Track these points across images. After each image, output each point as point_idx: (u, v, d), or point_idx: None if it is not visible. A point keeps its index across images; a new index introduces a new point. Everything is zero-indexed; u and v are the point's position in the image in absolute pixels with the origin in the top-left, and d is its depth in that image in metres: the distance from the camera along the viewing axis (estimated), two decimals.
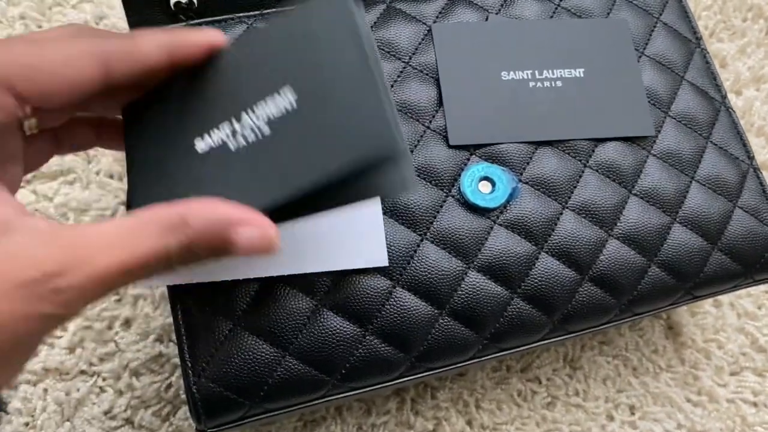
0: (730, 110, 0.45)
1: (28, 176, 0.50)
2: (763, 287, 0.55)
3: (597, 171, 0.41)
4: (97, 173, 0.51)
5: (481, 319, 0.38)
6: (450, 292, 0.38)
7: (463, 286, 0.38)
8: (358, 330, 0.37)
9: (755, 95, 0.60)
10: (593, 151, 0.41)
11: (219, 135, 0.30)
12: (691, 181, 0.42)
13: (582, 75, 0.42)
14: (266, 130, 0.28)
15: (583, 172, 0.41)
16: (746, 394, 0.52)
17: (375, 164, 0.26)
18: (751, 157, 0.44)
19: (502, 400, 0.49)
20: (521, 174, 0.40)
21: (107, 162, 0.51)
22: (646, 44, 0.45)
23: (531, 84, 0.41)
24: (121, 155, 0.51)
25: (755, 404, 0.52)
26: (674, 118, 0.43)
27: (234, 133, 0.29)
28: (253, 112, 0.29)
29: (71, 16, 0.54)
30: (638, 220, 0.41)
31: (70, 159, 0.50)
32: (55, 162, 0.50)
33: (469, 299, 0.38)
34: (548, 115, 0.41)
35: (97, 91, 0.28)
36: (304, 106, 0.28)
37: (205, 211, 0.25)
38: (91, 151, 0.51)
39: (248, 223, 0.26)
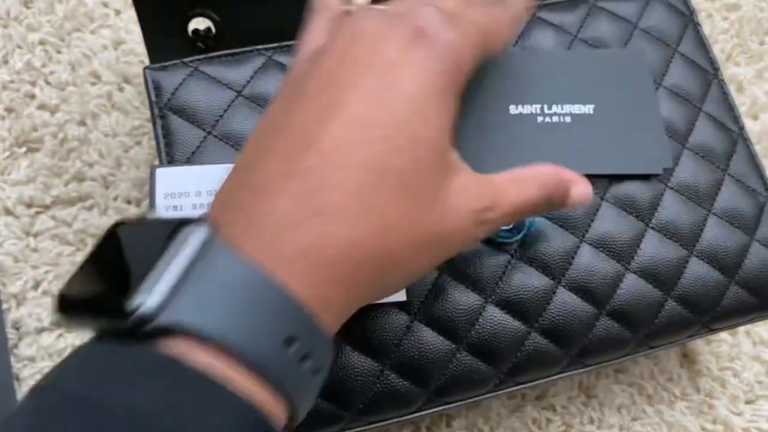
0: (747, 141, 0.45)
1: (48, 201, 0.50)
2: None
3: (614, 204, 0.41)
4: (115, 199, 0.51)
5: (499, 354, 0.38)
6: (468, 327, 0.38)
7: (480, 320, 0.38)
8: (376, 365, 0.37)
9: None
10: (610, 184, 0.41)
11: (530, 109, 0.41)
12: (708, 214, 0.42)
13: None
14: (567, 119, 0.41)
15: (600, 205, 0.41)
16: (761, 422, 0.52)
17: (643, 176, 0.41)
18: None
19: (517, 429, 0.50)
20: None
21: (125, 187, 0.51)
22: (664, 75, 0.45)
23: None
24: (138, 180, 0.51)
25: None
26: (692, 151, 0.43)
27: (542, 111, 0.41)
28: (560, 106, 0.41)
29: (90, 41, 0.55)
30: (655, 254, 0.41)
31: (88, 184, 0.51)
32: (73, 188, 0.51)
33: (487, 334, 0.38)
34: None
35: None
36: (601, 115, 0.41)
37: (559, 173, 0.33)
38: (109, 177, 0.51)
39: (579, 182, 0.33)
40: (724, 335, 0.54)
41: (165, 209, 0.37)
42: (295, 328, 0.24)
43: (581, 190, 0.33)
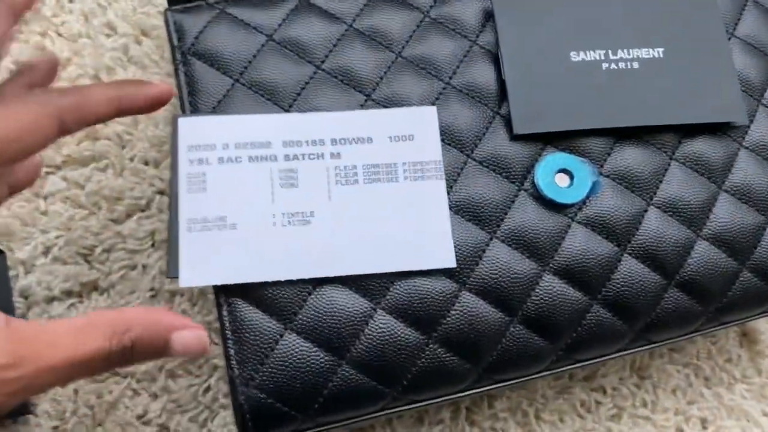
0: None
1: (58, 161, 0.47)
2: None
3: (684, 164, 0.37)
4: (131, 159, 0.47)
5: (557, 328, 0.34)
6: (523, 297, 0.34)
7: (537, 290, 0.34)
8: (421, 337, 0.33)
9: None
10: (679, 142, 0.37)
11: (593, 55, 0.37)
12: None
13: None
14: (635, 65, 0.37)
15: (669, 165, 0.37)
16: None
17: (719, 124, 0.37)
18: None
19: (564, 411, 0.46)
20: (601, 167, 0.36)
21: (143, 147, 0.47)
22: (737, 24, 0.40)
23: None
24: (157, 139, 0.47)
25: None
26: None
27: (607, 57, 0.37)
28: (627, 50, 0.37)
29: None
30: (730, 220, 0.37)
31: (102, 143, 0.47)
32: (86, 147, 0.47)
33: (544, 305, 0.34)
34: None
35: (50, 144, 0.29)
36: (671, 60, 0.37)
37: (146, 316, 0.28)
38: (125, 135, 0.47)
39: (187, 328, 0.28)
40: None
41: (189, 163, 0.33)
42: None
43: (190, 337, 0.28)
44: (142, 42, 0.50)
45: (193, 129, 0.34)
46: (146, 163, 0.47)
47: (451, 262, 0.33)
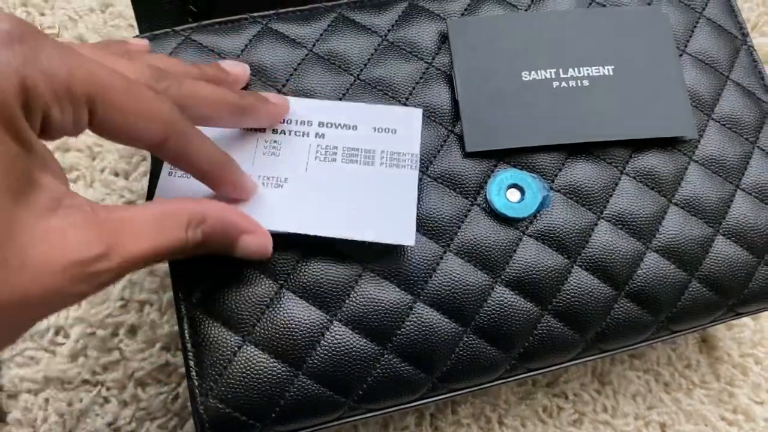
0: None
1: None
2: None
3: (634, 178, 0.38)
4: (102, 171, 0.48)
5: (509, 338, 0.35)
6: (475, 308, 0.35)
7: (489, 301, 0.35)
8: (376, 348, 0.34)
9: None
10: (630, 157, 0.38)
11: (544, 74, 0.38)
12: (735, 190, 0.39)
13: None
14: (585, 83, 0.38)
15: (619, 179, 0.38)
16: None
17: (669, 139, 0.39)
18: None
19: (527, 417, 0.47)
20: (553, 182, 0.37)
21: (112, 159, 0.48)
22: (688, 41, 0.42)
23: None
24: (126, 151, 0.48)
25: None
26: (718, 122, 0.40)
27: (558, 76, 0.38)
28: (577, 69, 0.38)
29: (75, 4, 0.52)
30: (678, 232, 0.38)
31: (73, 155, 0.48)
32: (57, 158, 0.48)
33: (497, 316, 0.35)
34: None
35: None
36: (621, 76, 0.38)
37: (220, 213, 0.28)
38: (96, 148, 0.48)
39: (253, 232, 0.30)
40: (746, 320, 0.51)
41: (168, 173, 0.34)
42: None
43: (256, 243, 0.30)
44: None
45: None
46: (116, 174, 0.48)
47: (410, 240, 0.34)
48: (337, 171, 0.35)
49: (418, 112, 0.36)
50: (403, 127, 0.36)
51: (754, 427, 0.48)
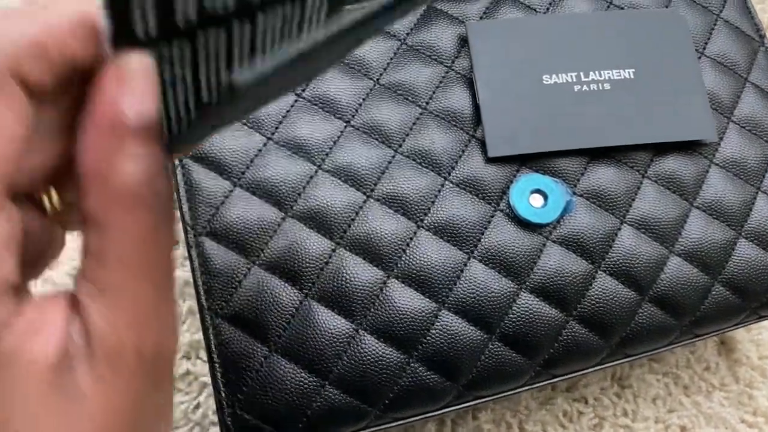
0: None
1: None
2: None
3: (656, 182, 0.38)
4: None
5: (535, 344, 0.35)
6: (500, 316, 0.35)
7: (514, 308, 0.35)
8: (401, 357, 0.34)
9: None
10: (651, 161, 0.38)
11: (565, 78, 0.38)
12: (757, 192, 0.39)
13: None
14: (606, 86, 0.38)
15: (641, 183, 0.38)
16: None
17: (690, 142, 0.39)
18: None
19: (547, 422, 0.47)
20: (575, 186, 0.37)
21: None
22: (706, 44, 0.42)
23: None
24: None
25: None
26: (738, 124, 0.40)
27: (579, 80, 0.38)
28: (598, 72, 0.38)
29: None
30: (701, 236, 0.38)
31: None
32: None
33: (521, 323, 0.35)
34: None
35: None
36: (641, 80, 0.38)
37: None
38: None
39: None
40: (765, 322, 0.51)
41: None
42: None
43: None
44: None
45: None
46: None
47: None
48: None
49: None
50: None
51: None
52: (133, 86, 0.18)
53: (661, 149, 0.39)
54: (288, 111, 0.36)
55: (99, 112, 0.18)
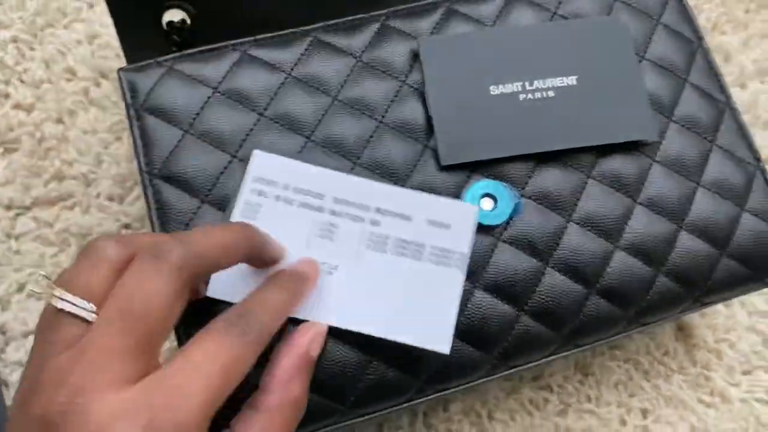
0: (734, 111, 0.44)
1: (28, 203, 0.49)
2: None
3: (600, 182, 0.40)
4: (97, 196, 0.50)
5: (490, 339, 0.38)
6: (459, 314, 0.37)
7: (469, 306, 0.38)
8: (363, 357, 0.36)
9: (760, 88, 0.59)
10: (596, 162, 0.41)
11: (511, 87, 0.40)
12: (696, 187, 0.42)
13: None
14: (551, 94, 0.40)
15: (586, 183, 0.40)
16: (759, 393, 0.52)
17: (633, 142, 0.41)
18: (757, 159, 0.43)
19: (515, 410, 0.49)
20: (523, 189, 0.39)
21: (107, 185, 0.50)
22: (647, 48, 0.44)
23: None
24: (120, 177, 0.50)
25: None
26: (678, 123, 0.43)
27: (524, 89, 0.40)
28: (543, 80, 0.40)
29: (63, 38, 0.54)
30: (644, 230, 0.40)
31: (68, 183, 0.50)
32: (54, 188, 0.50)
33: (476, 319, 0.37)
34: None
35: None
36: (584, 86, 0.41)
37: None
38: (90, 175, 0.50)
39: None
40: (719, 307, 0.53)
41: (250, 192, 0.37)
42: None
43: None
44: (101, 84, 0.53)
45: (263, 163, 0.37)
46: (111, 200, 0.51)
47: (445, 348, 0.35)
48: (385, 263, 0.36)
49: (473, 209, 0.37)
50: (457, 223, 0.37)
51: (731, 408, 0.51)
52: (320, 342, 0.35)
53: (605, 150, 0.41)
54: (251, 129, 0.39)
55: (297, 345, 0.33)
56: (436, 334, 0.35)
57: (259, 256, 0.33)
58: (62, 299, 0.26)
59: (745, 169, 0.43)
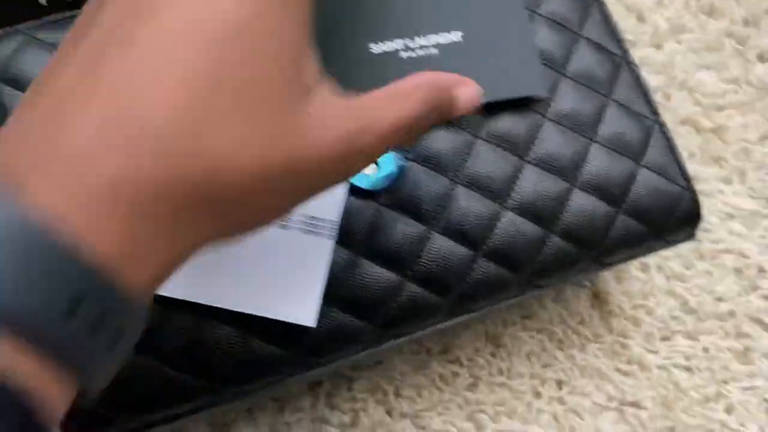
0: (632, 65, 0.43)
1: None
2: (690, 245, 0.53)
3: (488, 141, 0.39)
4: None
5: (372, 307, 0.36)
6: (341, 283, 0.35)
7: (352, 274, 0.36)
8: (235, 332, 0.34)
9: (676, 48, 0.58)
10: (484, 120, 0.39)
11: (392, 45, 0.38)
12: (590, 143, 0.40)
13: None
14: (434, 51, 0.38)
15: (474, 144, 0.38)
16: (678, 359, 0.50)
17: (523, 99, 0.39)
18: (655, 113, 0.42)
19: (423, 386, 0.47)
20: (409, 152, 0.38)
21: None
22: (540, 3, 0.42)
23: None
24: None
25: (688, 369, 0.50)
26: (571, 78, 0.41)
27: (406, 46, 0.38)
28: (425, 37, 0.38)
29: None
30: (534, 190, 0.38)
31: None
32: None
33: (357, 287, 0.36)
34: None
35: None
36: (470, 42, 0.38)
37: (440, 78, 0.28)
38: None
39: (463, 82, 0.29)
40: (635, 272, 0.52)
41: None
42: (83, 290, 0.19)
43: (468, 92, 0.29)
44: None
45: None
46: None
47: (310, 322, 0.34)
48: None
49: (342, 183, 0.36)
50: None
51: (649, 376, 0.50)
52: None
53: (494, 108, 0.39)
54: None
55: (445, 79, 0.28)
56: (301, 308, 0.33)
57: None
58: None
59: (643, 124, 0.41)
